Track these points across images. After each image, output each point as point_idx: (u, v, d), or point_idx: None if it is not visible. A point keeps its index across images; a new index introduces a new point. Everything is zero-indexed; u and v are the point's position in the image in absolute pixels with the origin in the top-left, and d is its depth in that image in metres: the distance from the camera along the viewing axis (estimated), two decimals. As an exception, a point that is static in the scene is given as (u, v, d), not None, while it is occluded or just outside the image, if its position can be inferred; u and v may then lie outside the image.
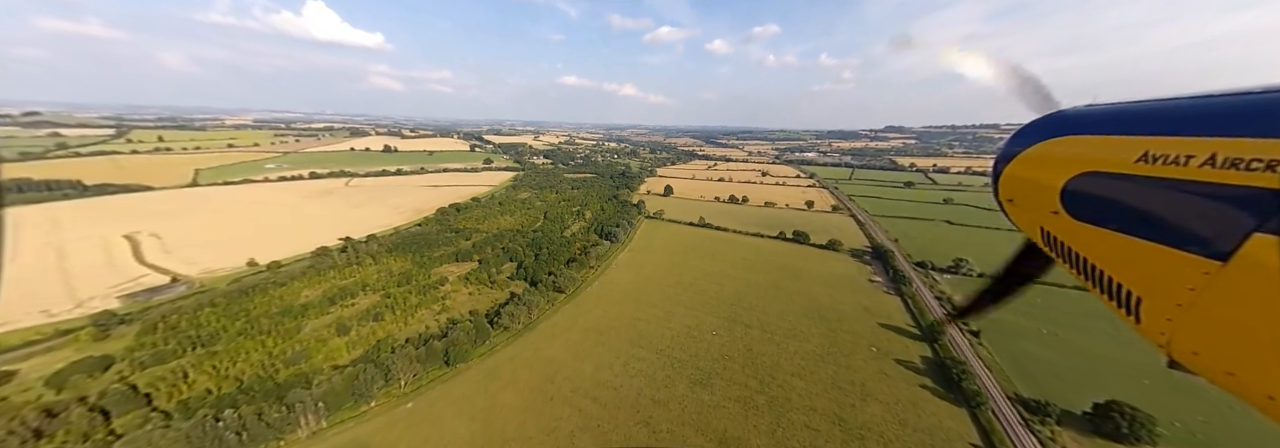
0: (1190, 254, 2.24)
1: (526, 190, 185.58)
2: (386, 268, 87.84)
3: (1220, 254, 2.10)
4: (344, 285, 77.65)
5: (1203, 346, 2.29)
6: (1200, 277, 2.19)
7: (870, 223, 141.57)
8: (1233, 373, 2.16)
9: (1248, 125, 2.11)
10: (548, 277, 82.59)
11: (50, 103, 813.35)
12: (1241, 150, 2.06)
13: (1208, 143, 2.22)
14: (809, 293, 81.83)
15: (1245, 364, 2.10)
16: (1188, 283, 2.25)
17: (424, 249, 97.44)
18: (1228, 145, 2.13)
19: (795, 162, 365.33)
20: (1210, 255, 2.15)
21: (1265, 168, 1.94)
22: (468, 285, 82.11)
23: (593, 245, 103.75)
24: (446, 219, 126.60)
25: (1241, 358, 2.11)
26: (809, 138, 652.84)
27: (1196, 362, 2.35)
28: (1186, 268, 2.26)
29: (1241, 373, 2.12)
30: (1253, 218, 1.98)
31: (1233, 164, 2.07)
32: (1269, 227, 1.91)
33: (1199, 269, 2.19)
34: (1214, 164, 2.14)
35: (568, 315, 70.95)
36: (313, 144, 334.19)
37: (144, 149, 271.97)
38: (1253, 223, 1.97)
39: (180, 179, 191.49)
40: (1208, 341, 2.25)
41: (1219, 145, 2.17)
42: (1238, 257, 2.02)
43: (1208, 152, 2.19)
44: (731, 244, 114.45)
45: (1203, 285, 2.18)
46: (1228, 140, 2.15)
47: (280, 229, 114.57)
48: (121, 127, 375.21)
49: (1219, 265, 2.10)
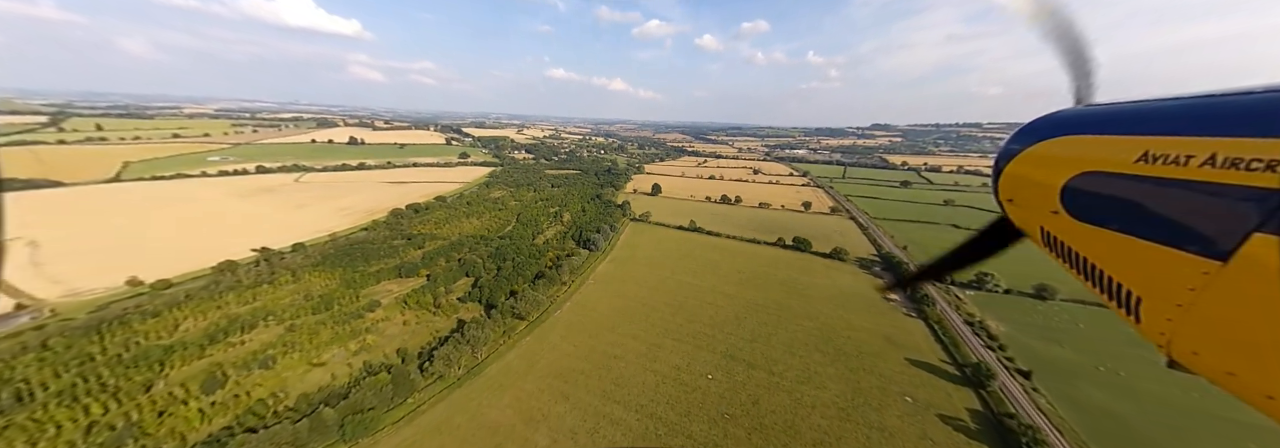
0: (1190, 254, 2.23)
1: (501, 188, 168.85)
2: (306, 288, 71.55)
3: (1220, 254, 2.10)
4: (240, 314, 61.37)
5: (1203, 346, 2.28)
6: (1200, 277, 2.19)
7: (872, 227, 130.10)
8: (1233, 373, 2.16)
9: (1248, 125, 2.10)
10: (508, 299, 67.71)
11: (16, 89, 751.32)
12: (1241, 150, 2.06)
13: (1208, 143, 2.21)
14: (819, 316, 68.98)
15: (1245, 364, 2.11)
16: (1188, 283, 2.25)
17: (360, 262, 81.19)
18: (1228, 145, 2.13)
19: (786, 159, 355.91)
20: (1210, 255, 2.14)
21: (1265, 168, 1.94)
22: (406, 310, 66.63)
23: (568, 255, 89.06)
24: (399, 223, 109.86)
25: (1241, 358, 2.12)
26: (798, 135, 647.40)
27: (1197, 362, 2.34)
28: (1186, 268, 2.25)
29: (1241, 373, 2.13)
30: (1253, 218, 1.98)
31: (1233, 164, 2.07)
32: (1269, 227, 1.92)
33: (1199, 269, 2.19)
34: (1214, 164, 2.14)
35: (526, 354, 56.38)
36: (272, 135, 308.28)
37: (74, 139, 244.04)
38: (1253, 223, 1.98)
39: (102, 173, 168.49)
40: (1208, 341, 2.25)
41: (1219, 145, 2.16)
42: (1238, 257, 2.02)
43: (1208, 152, 2.19)
44: (726, 252, 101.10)
45: (1203, 286, 2.18)
46: (1228, 140, 2.14)
47: (191, 236, 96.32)
48: (60, 114, 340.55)
49: (1219, 265, 2.10)
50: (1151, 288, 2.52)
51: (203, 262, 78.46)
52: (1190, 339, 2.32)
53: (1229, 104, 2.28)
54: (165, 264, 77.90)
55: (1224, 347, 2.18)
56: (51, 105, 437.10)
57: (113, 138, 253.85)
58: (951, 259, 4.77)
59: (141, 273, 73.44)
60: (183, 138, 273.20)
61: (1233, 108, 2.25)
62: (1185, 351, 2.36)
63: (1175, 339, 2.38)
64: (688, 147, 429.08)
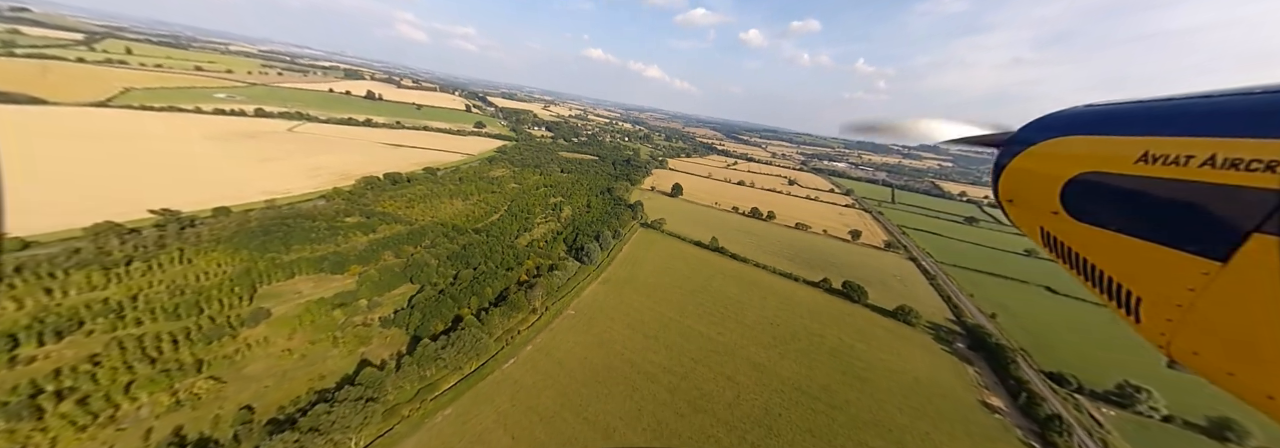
0: (1190, 255, 2.23)
1: (505, 166, 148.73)
2: (190, 274, 52.93)
3: (1220, 255, 2.10)
4: (70, 307, 42.92)
5: (1203, 346, 2.29)
6: (1200, 277, 2.19)
7: (942, 276, 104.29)
8: (1232, 373, 2.17)
9: (1248, 125, 2.10)
10: (447, 336, 47.31)
11: (83, 9, 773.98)
12: (1241, 150, 2.06)
13: (1208, 143, 2.21)
14: (890, 426, 46.09)
15: (1245, 364, 2.11)
16: (1187, 283, 2.25)
17: (281, 244, 62.18)
18: (1228, 145, 2.13)
19: (825, 171, 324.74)
20: (1210, 256, 2.14)
21: (1265, 168, 1.95)
22: (299, 330, 47.15)
23: (551, 268, 68.27)
24: (363, 196, 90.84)
25: (1241, 358, 2.12)
26: (837, 146, 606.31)
27: (1196, 362, 2.35)
28: (1186, 268, 2.25)
29: (1241, 373, 2.14)
30: (1252, 218, 1.98)
31: (1233, 164, 2.07)
32: (1269, 227, 1.92)
33: (1198, 270, 2.19)
34: (1214, 164, 2.14)
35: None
36: (294, 80, 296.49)
37: (94, 59, 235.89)
38: (1252, 223, 1.98)
39: (94, 96, 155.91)
40: (1207, 341, 2.26)
41: (1219, 145, 2.16)
42: (1237, 257, 2.03)
43: (1208, 152, 2.18)
44: (754, 289, 78.33)
45: (1202, 286, 2.18)
46: (1228, 140, 2.14)
47: (110, 180, 79.40)
48: (96, 34, 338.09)
49: (1219, 266, 2.11)
50: (1151, 288, 2.52)
51: (89, 217, 60.78)
52: (1190, 340, 2.32)
53: (1229, 104, 2.26)
54: (39, 216, 60.59)
55: (1224, 347, 2.18)
56: (106, 26, 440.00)
57: (133, 63, 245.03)
58: None
59: (11, 224, 56.16)
60: (204, 71, 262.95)
61: (1233, 108, 2.23)
62: (1185, 351, 2.36)
63: (1175, 340, 2.39)
64: (717, 144, 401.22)
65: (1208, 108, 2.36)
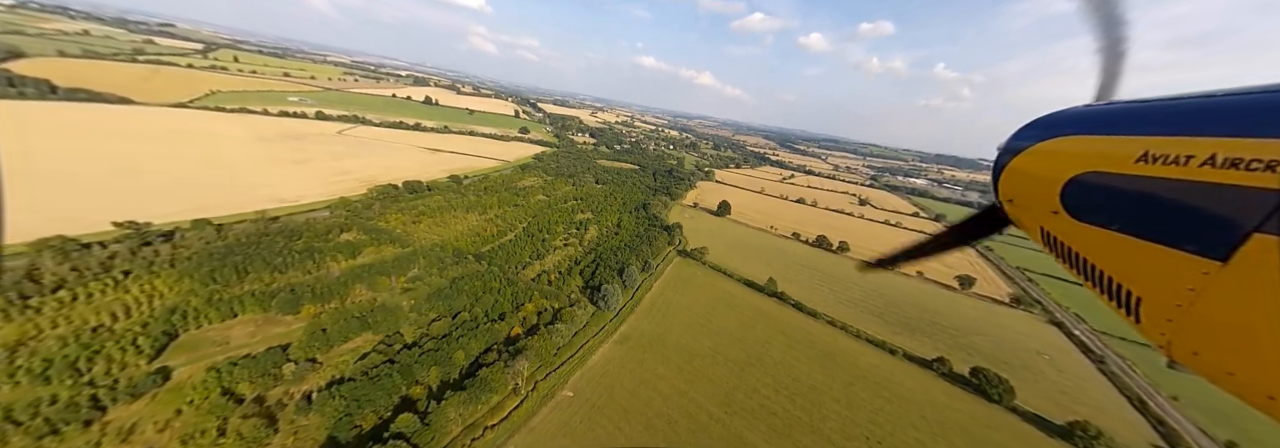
0: (1190, 254, 2.23)
1: (538, 175, 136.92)
2: (103, 310, 42.60)
3: (1220, 254, 2.09)
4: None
5: (1203, 346, 2.28)
6: (1200, 277, 2.18)
7: (1110, 354, 73.66)
8: (1233, 373, 2.16)
9: (1248, 125, 2.10)
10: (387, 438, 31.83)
11: (222, 26, 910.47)
12: (1241, 150, 2.06)
13: (1208, 143, 2.21)
14: None
15: (1245, 364, 2.11)
16: (1187, 283, 2.25)
17: (238, 270, 51.22)
18: (1228, 145, 2.13)
19: (902, 189, 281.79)
20: (1210, 256, 2.14)
21: (1265, 168, 1.95)
22: (181, 415, 34.01)
23: (557, 317, 51.84)
24: (369, 208, 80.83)
25: (1241, 358, 2.11)
26: (911, 159, 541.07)
27: (1197, 362, 2.33)
28: (1186, 268, 2.24)
29: (1241, 373, 2.13)
30: (1253, 218, 1.98)
31: (1233, 164, 2.07)
32: (1269, 227, 1.92)
33: (1199, 269, 2.18)
34: (1214, 164, 2.14)
35: None
36: (365, 86, 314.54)
37: (201, 65, 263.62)
38: (1253, 223, 1.97)
39: (179, 98, 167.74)
40: (1208, 341, 2.25)
41: (1219, 145, 2.16)
42: (1237, 257, 2.03)
43: (1208, 152, 2.18)
44: (832, 366, 56.05)
45: (1202, 286, 2.18)
46: (1228, 140, 2.14)
47: (112, 180, 75.45)
48: (215, 45, 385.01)
49: (1219, 266, 2.10)
50: (1151, 288, 2.51)
51: (55, 227, 54.06)
52: (1190, 339, 2.31)
53: (1229, 104, 2.26)
54: (13, 222, 54.81)
55: (1224, 347, 2.17)
56: (231, 40, 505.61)
57: (232, 69, 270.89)
58: (939, 241, 4.75)
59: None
60: (290, 77, 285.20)
61: (1233, 108, 2.23)
62: (1185, 351, 2.35)
63: (1175, 339, 2.37)
64: (771, 155, 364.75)
65: (1208, 107, 2.34)
